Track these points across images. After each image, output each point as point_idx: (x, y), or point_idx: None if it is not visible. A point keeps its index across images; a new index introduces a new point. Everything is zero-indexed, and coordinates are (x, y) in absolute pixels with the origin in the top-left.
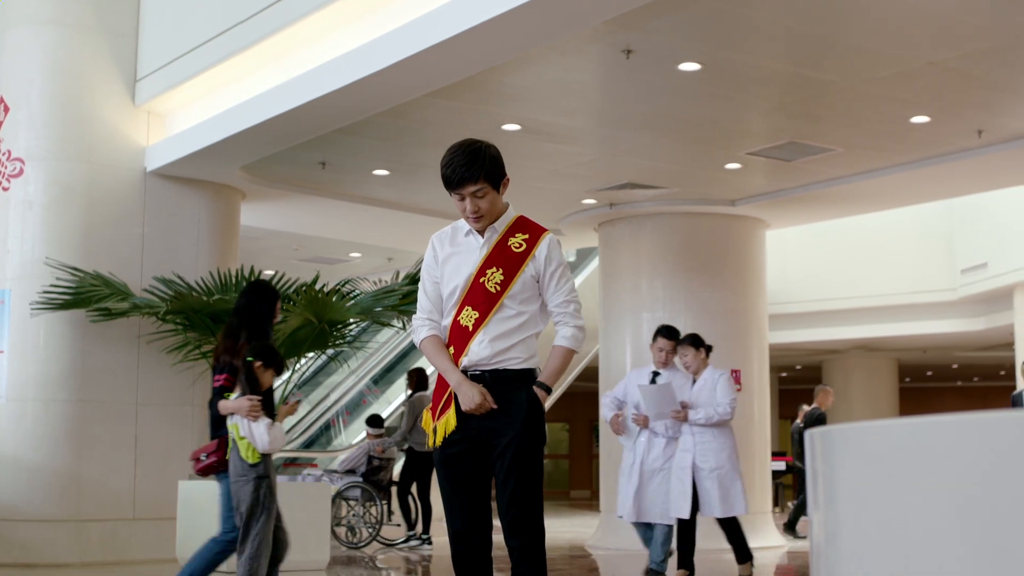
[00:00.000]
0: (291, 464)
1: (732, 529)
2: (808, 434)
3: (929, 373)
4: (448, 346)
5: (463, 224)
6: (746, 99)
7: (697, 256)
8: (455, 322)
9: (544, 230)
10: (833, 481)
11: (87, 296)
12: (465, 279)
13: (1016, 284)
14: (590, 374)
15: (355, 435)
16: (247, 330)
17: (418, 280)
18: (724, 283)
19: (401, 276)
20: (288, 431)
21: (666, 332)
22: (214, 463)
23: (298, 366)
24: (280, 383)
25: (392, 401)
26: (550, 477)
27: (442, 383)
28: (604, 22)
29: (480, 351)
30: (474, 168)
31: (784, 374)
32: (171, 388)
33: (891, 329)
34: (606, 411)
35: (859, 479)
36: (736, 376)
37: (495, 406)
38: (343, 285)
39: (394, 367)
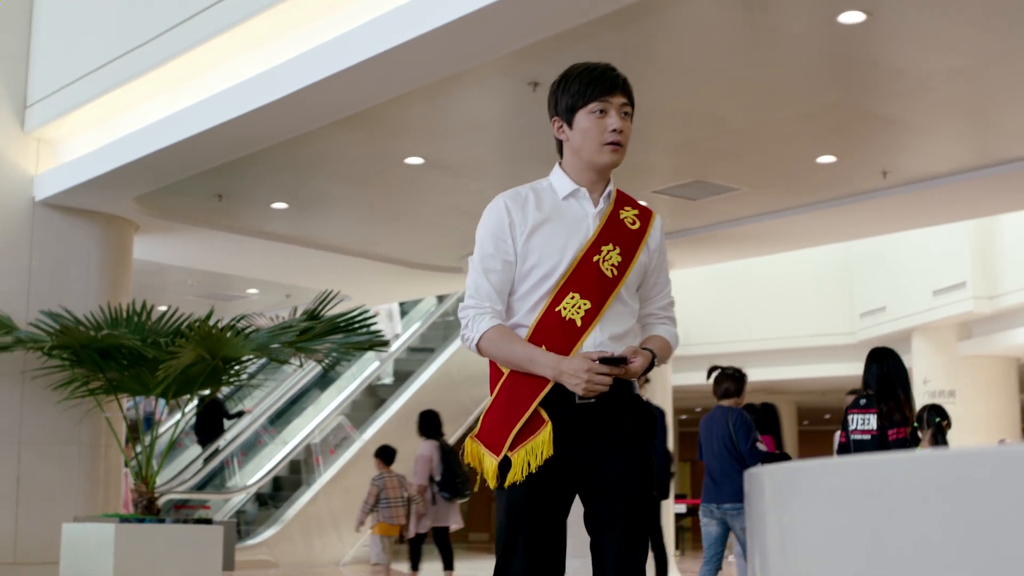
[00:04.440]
0: (183, 506)
1: None
2: (754, 474)
3: (827, 416)
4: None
5: (545, 186)
6: (651, 136)
7: None
8: (550, 314)
9: (651, 209)
10: (789, 521)
11: None
12: (572, 256)
13: (914, 328)
14: None
15: (249, 476)
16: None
17: (316, 316)
18: None
19: (299, 312)
20: (180, 472)
21: None
22: None
23: (189, 407)
24: (171, 423)
25: (288, 442)
26: None
27: (506, 401)
28: (510, 53)
29: None
30: (627, 83)
31: (684, 416)
32: (56, 426)
33: (791, 372)
34: None
35: (821, 519)
36: None
37: (625, 366)
38: (238, 321)
39: (291, 407)
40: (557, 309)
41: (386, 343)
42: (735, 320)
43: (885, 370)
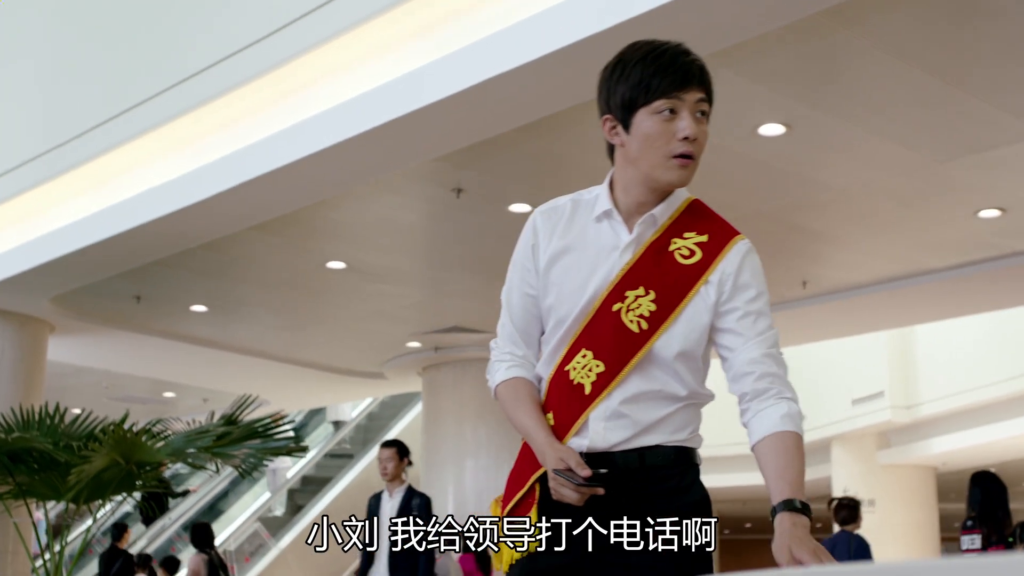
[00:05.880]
0: None
1: None
2: None
3: (748, 525)
4: (545, 412)
5: (589, 198)
6: None
7: None
8: (560, 373)
9: (735, 232)
10: None
11: None
12: (586, 302)
13: (833, 437)
14: None
15: None
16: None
17: (234, 421)
18: None
19: (216, 417)
20: None
21: None
22: None
23: (102, 512)
24: (83, 528)
25: None
26: None
27: (518, 468)
28: (435, 159)
29: (607, 432)
30: (705, 72)
31: None
32: None
33: (712, 481)
34: None
35: None
36: None
37: (601, 490)
38: (154, 425)
39: (207, 512)
40: (566, 368)
41: (305, 449)
42: None
43: (987, 493)
